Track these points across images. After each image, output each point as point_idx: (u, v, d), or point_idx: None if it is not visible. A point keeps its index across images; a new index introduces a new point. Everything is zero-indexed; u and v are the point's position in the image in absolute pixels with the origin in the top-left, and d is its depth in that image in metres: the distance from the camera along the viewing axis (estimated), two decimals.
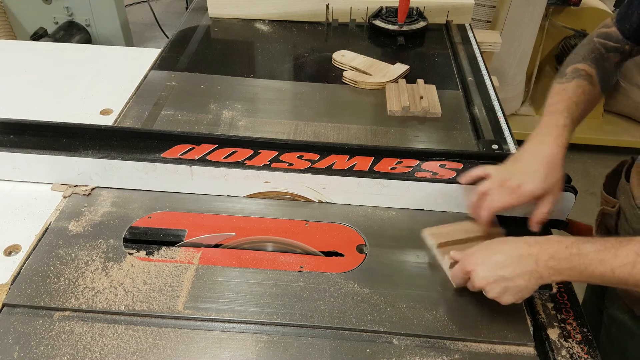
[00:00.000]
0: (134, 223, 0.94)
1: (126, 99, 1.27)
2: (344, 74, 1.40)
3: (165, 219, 0.96)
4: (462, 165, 0.99)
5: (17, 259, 0.86)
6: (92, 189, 1.01)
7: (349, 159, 0.99)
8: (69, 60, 1.46)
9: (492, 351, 0.76)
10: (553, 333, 0.78)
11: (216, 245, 0.92)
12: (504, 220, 0.93)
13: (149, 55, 1.49)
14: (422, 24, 1.64)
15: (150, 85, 1.34)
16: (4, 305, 0.79)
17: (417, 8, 1.67)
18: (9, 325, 0.77)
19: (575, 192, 0.93)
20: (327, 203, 1.01)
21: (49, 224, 0.93)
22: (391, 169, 0.98)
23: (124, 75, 1.38)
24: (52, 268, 0.85)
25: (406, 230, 0.95)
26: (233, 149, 1.00)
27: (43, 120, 1.05)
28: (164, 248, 0.90)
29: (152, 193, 1.01)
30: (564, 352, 0.75)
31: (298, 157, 0.99)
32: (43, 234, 0.91)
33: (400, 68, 1.43)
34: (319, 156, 1.00)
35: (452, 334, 0.78)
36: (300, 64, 1.50)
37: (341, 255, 0.90)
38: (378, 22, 1.64)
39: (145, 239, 0.92)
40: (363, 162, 0.99)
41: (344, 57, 1.47)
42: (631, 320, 0.93)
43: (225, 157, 0.99)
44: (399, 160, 1.00)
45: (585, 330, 0.78)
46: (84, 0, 2.54)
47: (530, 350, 0.77)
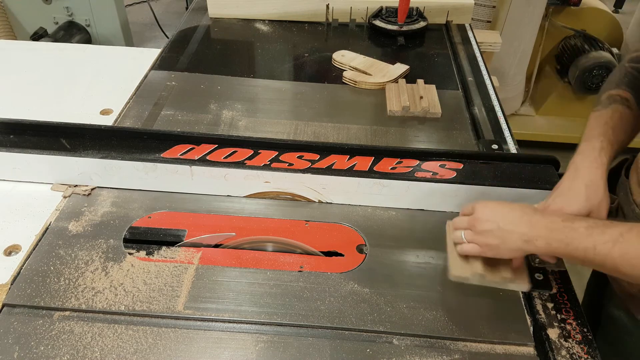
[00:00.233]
0: (134, 223, 0.94)
1: (126, 99, 1.27)
2: (344, 74, 1.40)
3: (165, 219, 0.96)
4: (462, 165, 0.99)
5: (17, 259, 0.86)
6: (92, 189, 1.01)
7: (349, 159, 0.99)
8: (69, 60, 1.46)
9: (492, 351, 0.76)
10: (553, 333, 0.78)
11: (216, 245, 0.92)
12: None
13: (149, 55, 1.49)
14: (422, 24, 1.64)
15: (150, 85, 1.34)
16: (4, 305, 0.79)
17: (417, 8, 1.66)
18: (9, 325, 0.77)
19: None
20: (327, 203, 1.01)
21: (49, 224, 0.93)
22: (391, 169, 0.98)
23: (124, 75, 1.38)
24: (52, 268, 0.85)
25: (406, 230, 0.95)
26: (233, 149, 1.00)
27: (43, 120, 1.05)
28: (164, 248, 0.90)
29: (152, 193, 1.01)
30: (564, 352, 0.75)
31: (298, 157, 0.99)
32: (43, 234, 0.91)
33: (400, 68, 1.43)
34: (319, 156, 1.00)
35: (452, 334, 0.78)
36: (300, 64, 1.50)
37: (341, 255, 0.90)
38: (378, 22, 1.64)
39: (145, 239, 0.92)
40: (363, 162, 0.99)
41: (344, 57, 1.47)
42: (629, 320, 0.93)
43: (225, 157, 0.99)
44: (399, 160, 1.00)
45: (585, 330, 0.78)
46: (84, 0, 2.54)
47: (530, 350, 0.77)
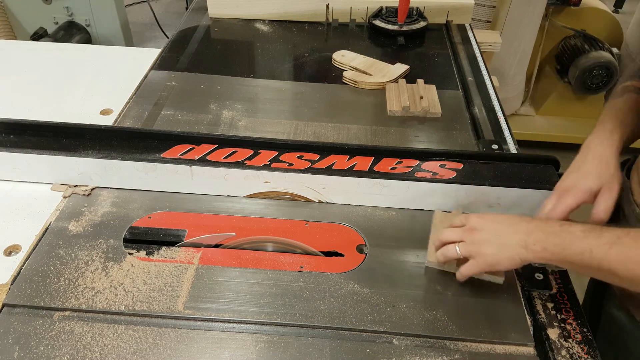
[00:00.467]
0: (134, 223, 0.94)
1: (126, 99, 1.27)
2: (344, 74, 1.40)
3: (165, 219, 0.96)
4: (462, 165, 0.99)
5: (17, 259, 0.86)
6: (92, 189, 1.01)
7: (349, 159, 0.99)
8: (69, 60, 1.46)
9: (492, 351, 0.76)
10: (553, 333, 0.78)
11: (216, 246, 0.92)
12: None
13: (149, 55, 1.49)
14: (422, 24, 1.64)
15: (150, 85, 1.34)
16: (4, 305, 0.79)
17: (417, 8, 1.66)
18: (9, 325, 0.77)
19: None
20: (327, 203, 1.01)
21: (49, 224, 0.93)
22: (391, 169, 0.98)
23: (124, 75, 1.38)
24: (52, 268, 0.85)
25: (406, 230, 0.95)
26: (233, 149, 1.00)
27: (43, 120, 1.05)
28: (164, 248, 0.90)
29: (152, 193, 1.01)
30: (564, 352, 0.75)
31: (298, 157, 0.99)
32: (43, 234, 0.91)
33: (400, 68, 1.43)
34: (319, 156, 1.00)
35: (452, 334, 0.78)
36: (300, 64, 1.50)
37: (341, 255, 0.90)
38: (378, 22, 1.64)
39: (145, 239, 0.92)
40: (363, 162, 0.99)
41: (344, 57, 1.47)
42: (629, 320, 0.93)
43: (225, 157, 0.99)
44: (399, 160, 1.00)
45: (585, 330, 0.78)
46: (84, 0, 2.54)
47: (530, 350, 0.77)
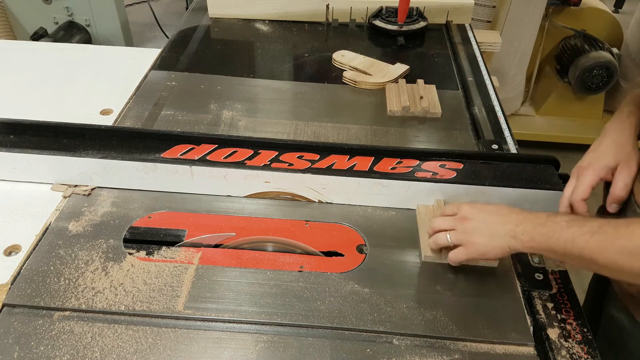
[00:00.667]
0: (134, 223, 0.94)
1: (126, 99, 1.27)
2: (344, 74, 1.40)
3: (165, 219, 0.96)
4: (462, 165, 0.99)
5: (17, 259, 0.86)
6: (92, 189, 1.01)
7: (349, 159, 0.99)
8: (69, 60, 1.46)
9: (492, 351, 0.76)
10: (553, 333, 0.78)
11: (216, 245, 0.92)
12: None
13: (149, 55, 1.49)
14: (422, 24, 1.64)
15: (150, 85, 1.34)
16: (4, 305, 0.79)
17: (417, 8, 1.66)
18: (9, 325, 0.76)
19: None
20: (327, 203, 1.00)
21: (49, 224, 0.93)
22: (391, 169, 0.98)
23: (124, 75, 1.38)
24: (52, 268, 0.85)
25: (406, 230, 0.95)
26: (233, 149, 1.00)
27: (43, 120, 1.05)
28: (164, 248, 0.90)
29: (152, 193, 1.01)
30: (564, 352, 0.75)
31: (298, 157, 0.99)
32: (43, 234, 0.91)
33: (400, 68, 1.42)
34: (319, 156, 1.00)
35: (452, 334, 0.78)
36: (300, 64, 1.50)
37: (341, 255, 0.90)
38: (378, 22, 1.64)
39: (145, 239, 0.92)
40: (363, 162, 0.99)
41: (344, 57, 1.47)
42: (629, 320, 0.93)
43: (225, 157, 0.99)
44: (399, 160, 1.00)
45: (585, 330, 0.78)
46: (84, 0, 2.54)
47: (530, 350, 0.77)
